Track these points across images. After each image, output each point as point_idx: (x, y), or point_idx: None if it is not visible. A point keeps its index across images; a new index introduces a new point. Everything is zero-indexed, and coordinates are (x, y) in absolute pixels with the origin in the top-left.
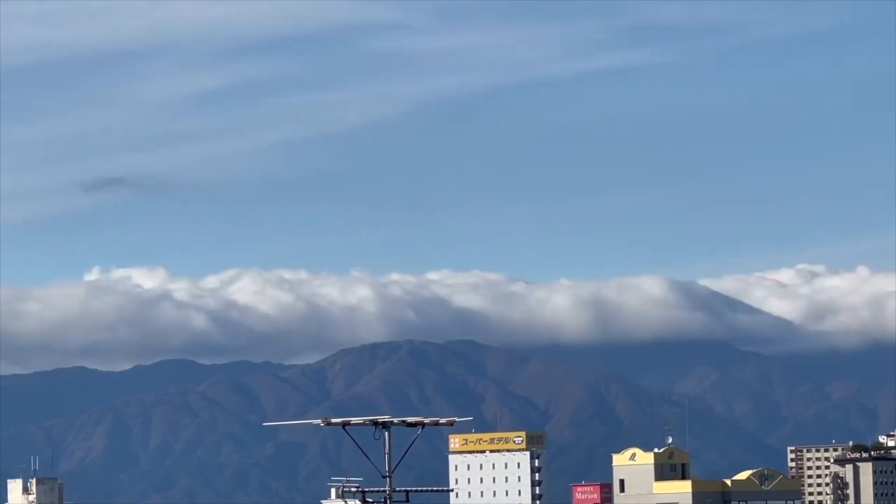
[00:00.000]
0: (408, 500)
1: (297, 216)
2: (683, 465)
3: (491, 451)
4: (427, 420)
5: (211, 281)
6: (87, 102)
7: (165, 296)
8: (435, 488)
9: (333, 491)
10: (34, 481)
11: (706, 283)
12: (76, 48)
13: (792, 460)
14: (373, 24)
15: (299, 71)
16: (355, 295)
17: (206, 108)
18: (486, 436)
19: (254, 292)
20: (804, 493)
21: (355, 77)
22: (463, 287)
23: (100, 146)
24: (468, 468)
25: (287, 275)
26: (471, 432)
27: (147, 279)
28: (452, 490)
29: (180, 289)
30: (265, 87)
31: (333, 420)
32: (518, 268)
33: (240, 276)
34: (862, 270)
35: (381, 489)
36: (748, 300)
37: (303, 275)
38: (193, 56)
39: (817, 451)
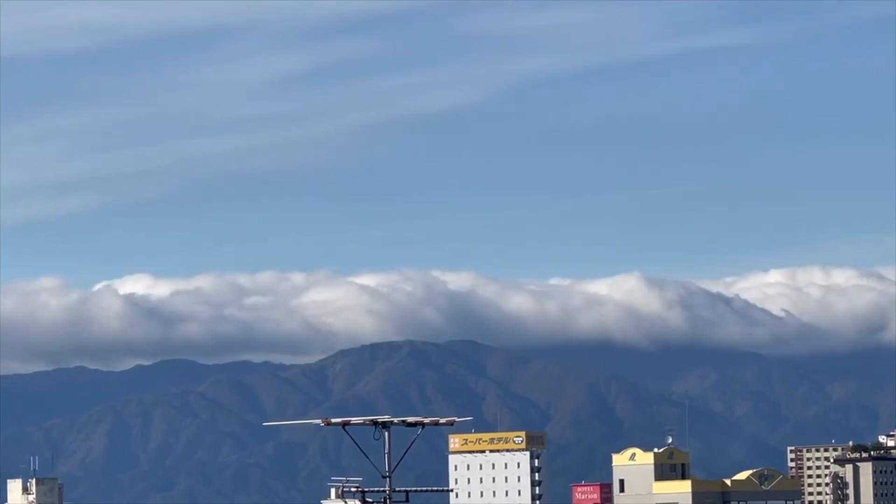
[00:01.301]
0: (408, 500)
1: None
2: (683, 465)
3: (491, 451)
4: (427, 420)
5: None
6: (149, 87)
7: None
8: (435, 488)
9: (333, 491)
10: (34, 481)
11: (706, 282)
12: (137, 30)
13: (792, 460)
14: (461, 2)
15: (382, 53)
16: (356, 294)
17: (279, 93)
18: (486, 436)
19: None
20: (804, 493)
21: (441, 59)
22: (463, 287)
23: (159, 133)
24: (468, 468)
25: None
26: (471, 432)
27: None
28: (452, 490)
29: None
30: (344, 70)
31: (333, 420)
32: (518, 267)
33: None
34: (862, 270)
35: (381, 489)
36: (748, 300)
37: (300, 278)
38: (270, 38)
39: (817, 451)
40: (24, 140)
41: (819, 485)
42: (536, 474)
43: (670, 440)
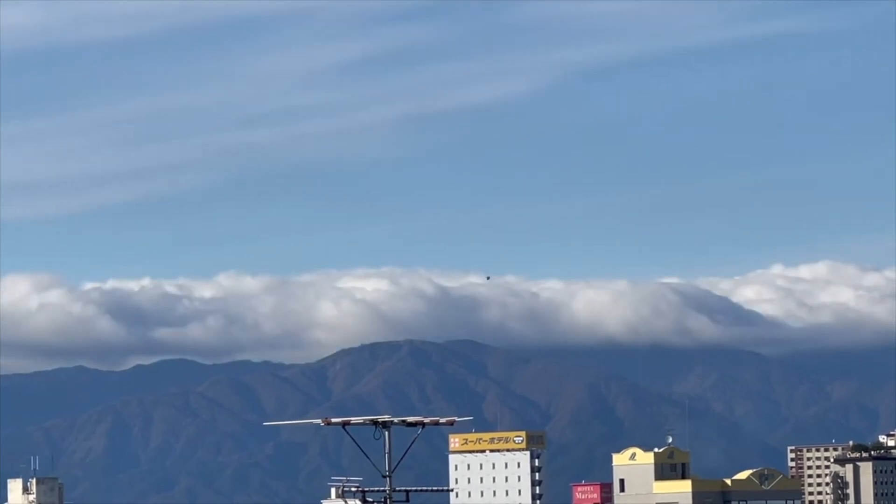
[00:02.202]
0: (408, 500)
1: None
2: (683, 464)
3: (491, 451)
4: (427, 420)
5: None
6: (192, 77)
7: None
8: (435, 488)
9: (333, 491)
10: (34, 481)
11: (707, 282)
12: (182, 19)
13: (792, 460)
14: None
15: (430, 42)
16: (357, 293)
17: (324, 84)
18: (487, 435)
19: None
20: (804, 493)
21: (491, 48)
22: (463, 286)
23: (199, 124)
24: (468, 468)
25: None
26: (471, 432)
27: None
28: (452, 490)
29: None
30: (392, 60)
31: (334, 420)
32: (519, 267)
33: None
34: (862, 270)
35: (382, 489)
36: (748, 300)
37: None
38: (316, 27)
39: (817, 450)
40: (62, 131)
41: (819, 485)
42: (537, 474)
43: (670, 440)
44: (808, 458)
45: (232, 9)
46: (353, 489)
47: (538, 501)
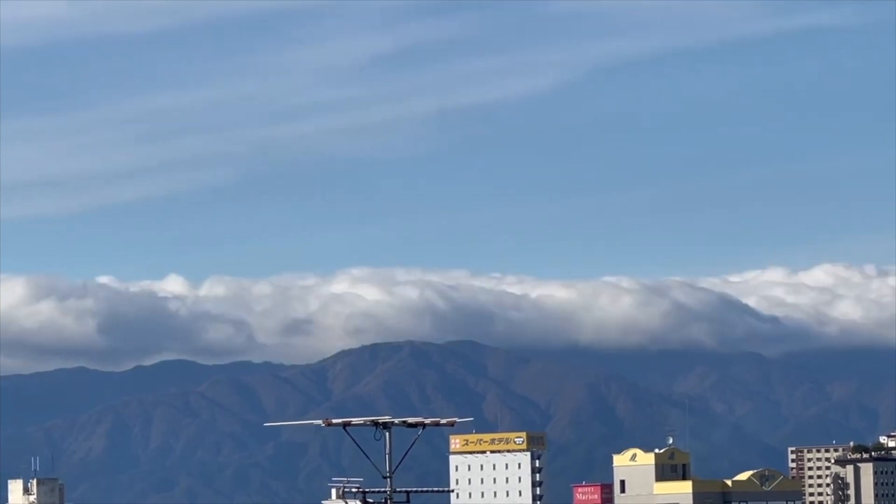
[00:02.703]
0: (408, 501)
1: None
2: (684, 465)
3: (491, 452)
4: (427, 420)
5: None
6: (220, 71)
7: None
8: (435, 489)
9: (334, 491)
10: (35, 482)
11: (706, 282)
12: (210, 11)
13: (792, 461)
14: None
15: (462, 36)
16: (358, 293)
17: (353, 78)
18: (487, 436)
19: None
20: (805, 494)
21: (520, 42)
22: (463, 286)
23: (226, 119)
24: (469, 469)
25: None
26: (471, 433)
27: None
28: (453, 490)
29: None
30: (422, 54)
31: (334, 420)
32: (519, 267)
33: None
34: (862, 270)
35: (382, 489)
36: (748, 300)
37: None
38: (347, 21)
39: (818, 451)
40: (88, 126)
41: (820, 485)
42: (537, 475)
43: (671, 440)
44: (809, 459)
45: (257, 3)
46: (353, 490)
47: (539, 502)
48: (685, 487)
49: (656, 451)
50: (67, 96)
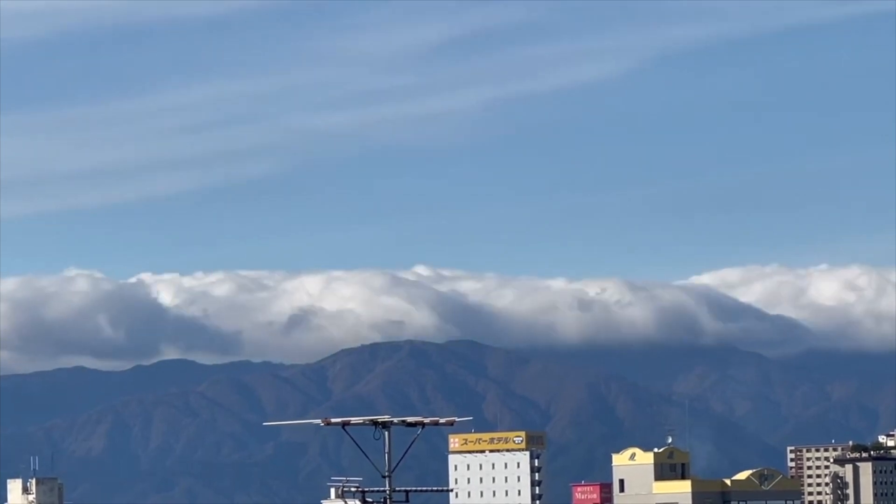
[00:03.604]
0: (408, 501)
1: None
2: (683, 465)
3: (491, 451)
4: (427, 420)
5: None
6: (271, 59)
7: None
8: (435, 488)
9: (333, 491)
10: (34, 481)
11: (706, 282)
12: None
13: (792, 460)
14: None
15: (520, 22)
16: (358, 293)
17: (409, 66)
18: (486, 436)
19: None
20: (804, 493)
21: (585, 28)
22: (464, 286)
23: (274, 109)
24: (468, 468)
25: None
26: (471, 432)
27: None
28: (452, 490)
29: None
30: (481, 40)
31: (333, 420)
32: (519, 266)
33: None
34: (862, 269)
35: (381, 489)
36: (748, 300)
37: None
38: (405, 6)
39: (817, 451)
40: (129, 116)
41: (819, 485)
42: (536, 474)
43: (670, 440)
44: (808, 459)
45: None
46: (352, 489)
47: (538, 502)
48: (684, 487)
49: (655, 450)
50: (106, 86)
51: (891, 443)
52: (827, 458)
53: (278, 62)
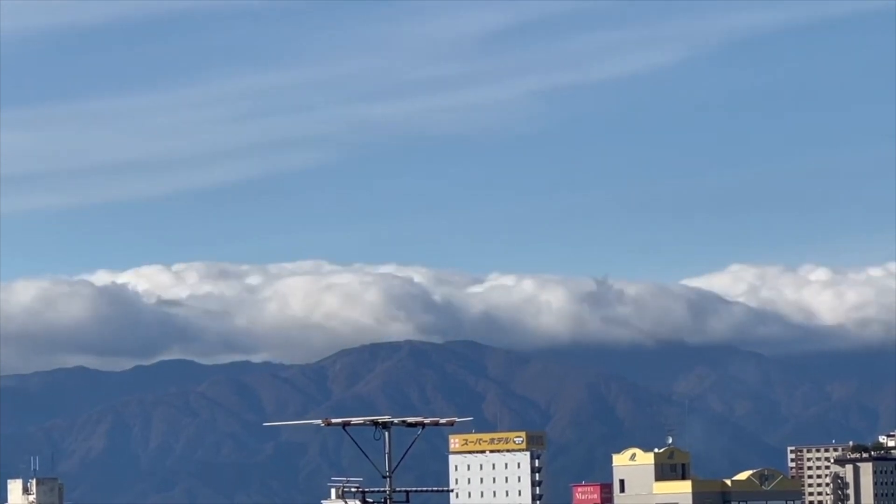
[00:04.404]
0: (408, 501)
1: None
2: (683, 465)
3: (491, 452)
4: (427, 420)
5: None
6: (325, 47)
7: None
8: (435, 488)
9: (333, 491)
10: (34, 481)
11: (706, 282)
12: None
13: (792, 460)
14: None
15: (582, 10)
16: (357, 293)
17: (466, 54)
18: (487, 436)
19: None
20: (804, 494)
21: (644, 16)
22: (465, 286)
23: (325, 97)
24: (468, 468)
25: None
26: (471, 432)
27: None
28: (452, 490)
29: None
30: (540, 28)
31: (334, 420)
32: (519, 266)
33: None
34: (862, 269)
35: (382, 489)
36: (748, 300)
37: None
38: None
39: (817, 451)
40: (171, 107)
41: (819, 485)
42: (537, 474)
43: (670, 440)
44: (809, 459)
45: None
46: (353, 489)
47: (538, 502)
48: (685, 487)
49: (656, 450)
50: (157, 75)
51: (891, 443)
52: (827, 459)
53: (324, 52)
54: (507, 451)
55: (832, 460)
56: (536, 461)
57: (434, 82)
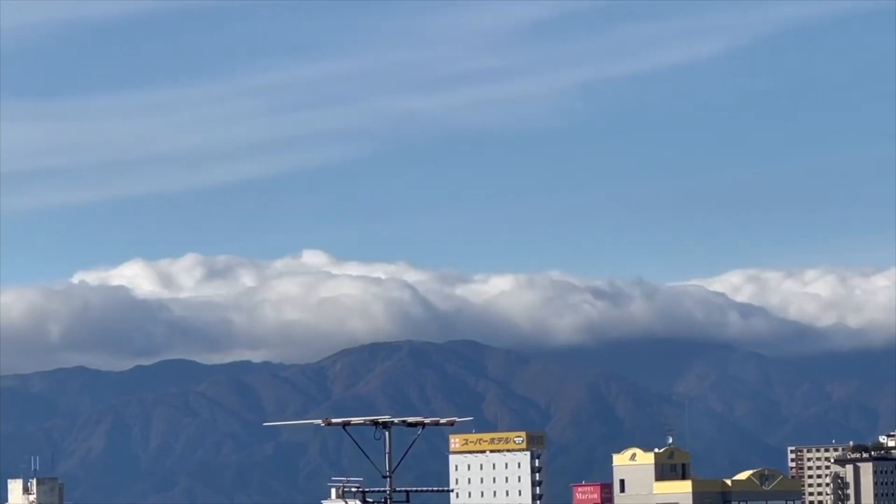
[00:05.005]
0: (408, 501)
1: None
2: (683, 465)
3: (491, 452)
4: (427, 420)
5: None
6: (362, 39)
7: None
8: (435, 488)
9: (334, 491)
10: (34, 481)
11: (706, 282)
12: None
13: (792, 460)
14: None
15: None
16: (357, 292)
17: (507, 45)
18: (487, 436)
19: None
20: (804, 494)
21: (685, 6)
22: (464, 285)
23: (362, 90)
24: (468, 468)
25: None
26: (471, 432)
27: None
28: (453, 490)
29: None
30: (583, 19)
31: (334, 420)
32: (519, 265)
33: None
34: (862, 270)
35: (382, 489)
36: (748, 300)
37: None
38: None
39: (817, 451)
40: (212, 98)
41: (819, 485)
42: (537, 474)
43: (670, 440)
44: (809, 459)
45: None
46: (353, 489)
47: (538, 502)
48: (685, 487)
49: (656, 450)
50: (192, 66)
51: (891, 443)
52: (827, 459)
53: (370, 42)
54: (508, 451)
55: (832, 460)
56: (536, 461)
57: (472, 76)
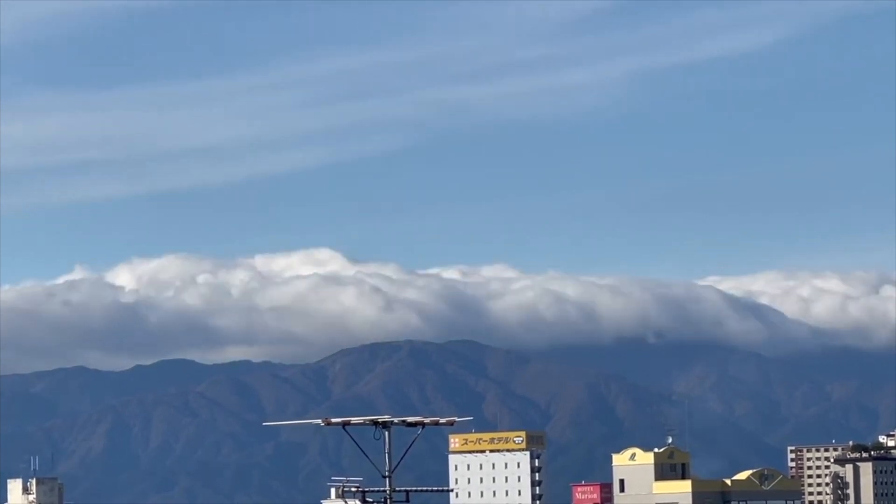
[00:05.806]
0: (408, 500)
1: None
2: (683, 465)
3: (491, 451)
4: (427, 420)
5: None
6: (409, 28)
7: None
8: (435, 488)
9: (333, 491)
10: (34, 481)
11: (707, 282)
12: None
13: (792, 460)
14: None
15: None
16: (356, 293)
17: (558, 36)
18: (487, 436)
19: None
20: (804, 493)
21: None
22: (465, 285)
23: (408, 80)
24: (468, 468)
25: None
26: (471, 432)
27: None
28: (452, 490)
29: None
30: (634, 8)
31: (334, 420)
32: (519, 265)
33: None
34: (862, 269)
35: (382, 489)
36: (749, 300)
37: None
38: None
39: (817, 451)
40: (250, 90)
41: (819, 485)
42: (537, 474)
43: (670, 440)
44: (808, 459)
45: None
46: (353, 489)
47: (538, 502)
48: (684, 487)
49: (656, 450)
50: (227, 59)
51: (891, 443)
52: (827, 458)
53: (412, 32)
54: (507, 450)
55: (832, 460)
56: (536, 461)
57: (516, 66)
